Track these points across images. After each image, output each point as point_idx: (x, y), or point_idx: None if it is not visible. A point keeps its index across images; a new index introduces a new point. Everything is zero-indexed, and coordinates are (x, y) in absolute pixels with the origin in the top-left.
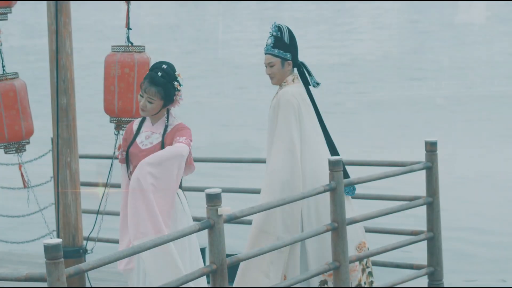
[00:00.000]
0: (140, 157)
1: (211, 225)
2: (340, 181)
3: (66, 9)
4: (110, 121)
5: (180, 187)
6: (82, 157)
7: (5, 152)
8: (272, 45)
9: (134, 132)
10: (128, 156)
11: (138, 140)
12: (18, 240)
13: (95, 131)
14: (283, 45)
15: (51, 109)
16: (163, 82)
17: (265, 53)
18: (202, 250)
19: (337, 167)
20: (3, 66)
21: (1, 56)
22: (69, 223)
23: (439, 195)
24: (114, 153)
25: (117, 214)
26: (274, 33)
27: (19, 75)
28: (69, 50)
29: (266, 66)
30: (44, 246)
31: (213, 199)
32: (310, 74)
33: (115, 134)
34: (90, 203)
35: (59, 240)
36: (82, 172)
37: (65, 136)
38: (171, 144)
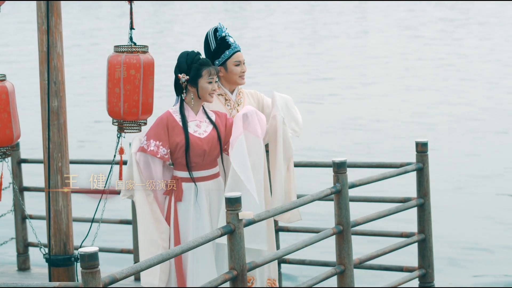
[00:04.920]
0: (201, 145)
1: (232, 230)
2: (345, 183)
3: (57, 9)
4: (113, 123)
5: None
6: (73, 162)
7: None
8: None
9: (181, 124)
10: (188, 148)
11: (190, 130)
12: None
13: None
14: None
15: (41, 112)
16: None
17: (238, 51)
18: None
19: (342, 169)
20: None
21: None
22: (60, 230)
23: (430, 196)
24: (114, 156)
25: (111, 222)
26: (228, 33)
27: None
28: (60, 51)
29: (239, 64)
30: (80, 254)
31: (233, 203)
32: None
33: (117, 137)
34: (81, 210)
35: (96, 248)
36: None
37: (56, 140)
38: (224, 130)
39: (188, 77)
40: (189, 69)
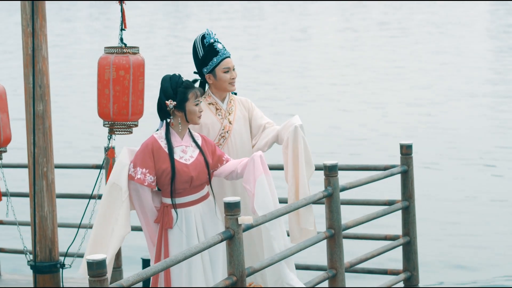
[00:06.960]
0: (188, 172)
1: (232, 235)
2: (336, 186)
3: (42, 11)
4: (104, 125)
5: None
6: (58, 167)
7: None
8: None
9: (166, 150)
10: (174, 176)
11: (176, 156)
12: None
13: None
14: None
15: (25, 116)
16: None
17: (227, 57)
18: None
19: (333, 172)
20: None
21: None
22: (46, 236)
23: (415, 198)
24: (103, 160)
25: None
26: (217, 38)
27: None
28: (45, 54)
29: (228, 71)
30: (88, 262)
31: (232, 208)
32: None
33: (108, 138)
34: (65, 216)
35: (104, 256)
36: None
37: (42, 145)
38: (211, 158)
39: (175, 102)
40: (175, 93)
